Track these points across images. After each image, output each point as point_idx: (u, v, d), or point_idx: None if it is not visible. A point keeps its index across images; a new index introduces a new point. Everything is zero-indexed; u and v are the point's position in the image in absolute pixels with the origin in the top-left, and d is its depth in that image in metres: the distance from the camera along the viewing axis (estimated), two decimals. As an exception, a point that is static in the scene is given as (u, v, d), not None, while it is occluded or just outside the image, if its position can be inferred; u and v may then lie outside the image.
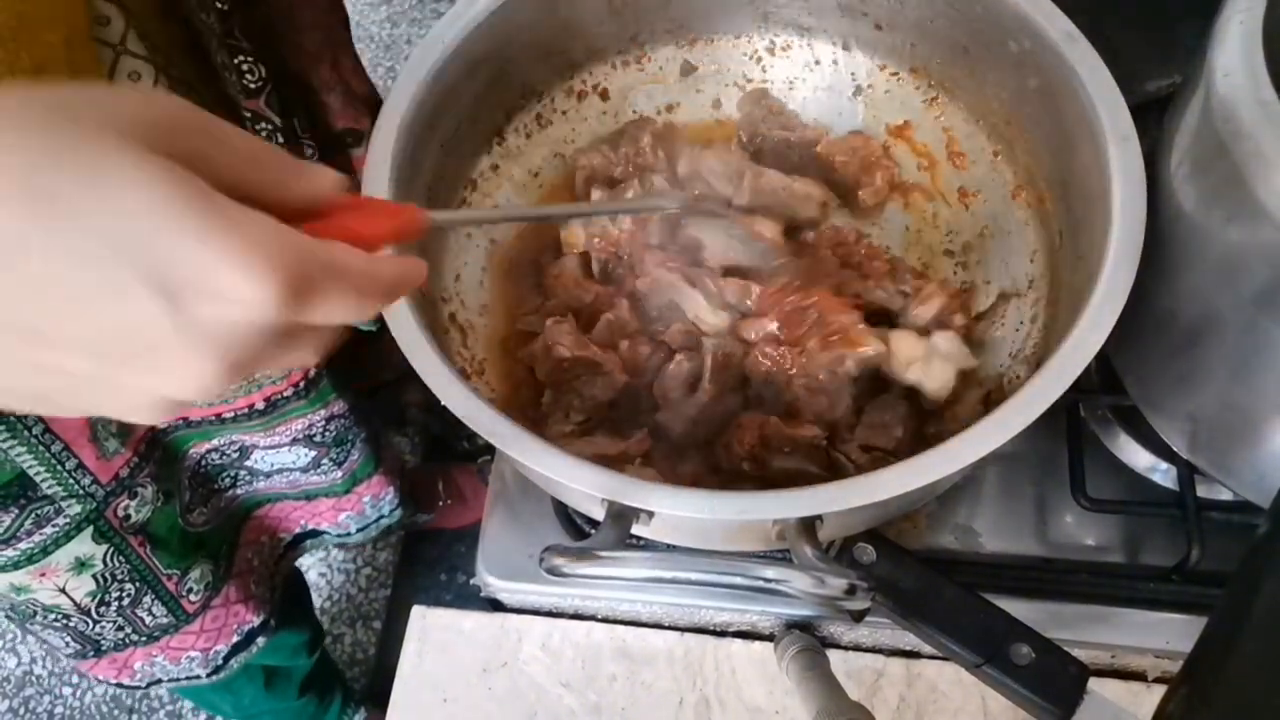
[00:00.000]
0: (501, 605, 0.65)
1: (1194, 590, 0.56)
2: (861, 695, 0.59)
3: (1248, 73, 0.41)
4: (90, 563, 0.67)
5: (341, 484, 0.85)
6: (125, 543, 0.68)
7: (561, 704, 0.61)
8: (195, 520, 0.75)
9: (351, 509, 0.90)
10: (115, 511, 0.66)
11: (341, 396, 0.76)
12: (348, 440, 0.81)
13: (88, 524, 0.64)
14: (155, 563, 0.71)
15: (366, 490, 0.88)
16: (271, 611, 0.87)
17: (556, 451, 0.44)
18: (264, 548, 0.87)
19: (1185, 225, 0.47)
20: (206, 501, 0.77)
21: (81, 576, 0.67)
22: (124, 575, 0.69)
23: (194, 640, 0.80)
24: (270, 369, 0.26)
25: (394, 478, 0.92)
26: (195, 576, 0.76)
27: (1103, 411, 0.64)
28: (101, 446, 0.62)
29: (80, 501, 0.62)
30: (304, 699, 1.14)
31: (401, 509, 0.95)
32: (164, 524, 0.70)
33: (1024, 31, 0.53)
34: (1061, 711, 0.47)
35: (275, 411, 0.72)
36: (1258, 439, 0.51)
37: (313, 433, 0.77)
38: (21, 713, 1.43)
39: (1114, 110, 0.49)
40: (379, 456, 0.87)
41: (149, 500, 0.68)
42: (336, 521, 0.90)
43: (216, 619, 0.80)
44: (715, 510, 0.43)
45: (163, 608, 0.74)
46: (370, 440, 0.84)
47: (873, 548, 0.53)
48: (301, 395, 0.72)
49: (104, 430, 0.62)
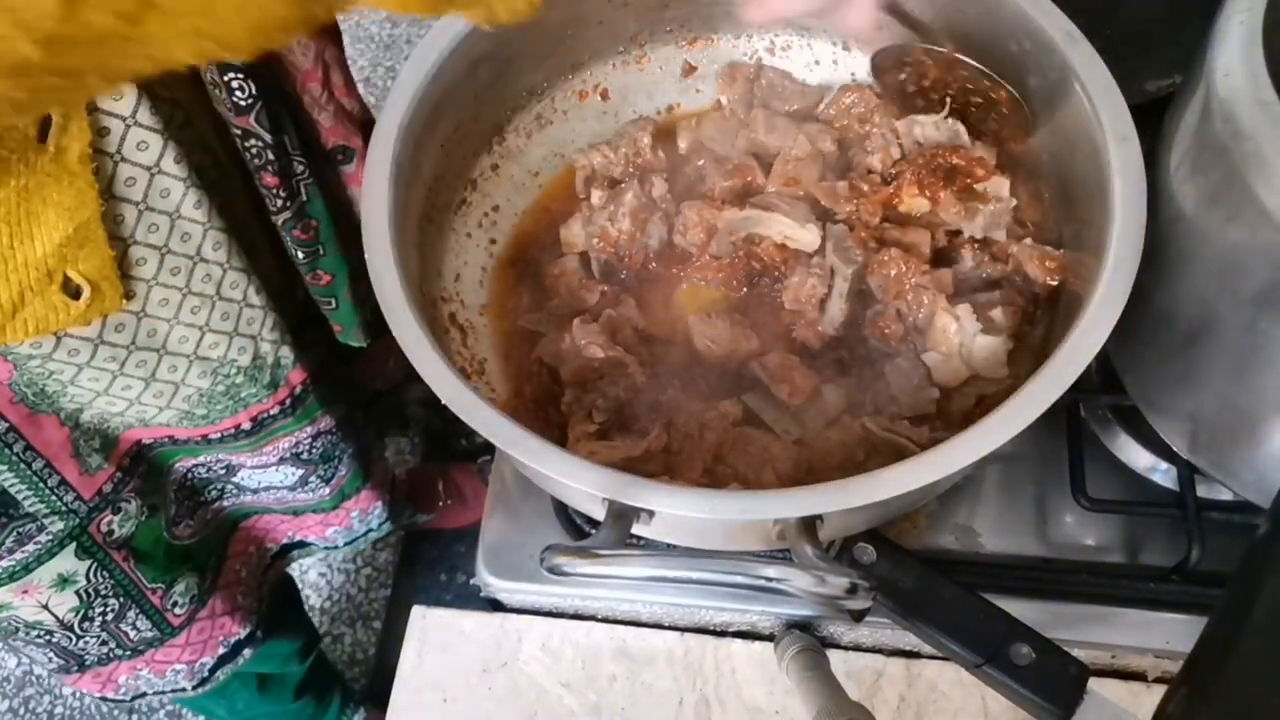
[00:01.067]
0: (501, 605, 0.65)
1: (1194, 590, 0.56)
2: (861, 695, 0.59)
3: (1248, 73, 0.41)
4: (73, 579, 0.66)
5: (329, 500, 0.84)
6: (109, 558, 0.67)
7: (561, 704, 0.61)
8: (181, 533, 0.74)
9: (339, 524, 0.89)
10: (98, 527, 0.65)
11: (329, 412, 0.76)
12: (335, 456, 0.80)
13: (70, 540, 0.63)
14: (139, 577, 0.70)
15: (354, 505, 0.88)
16: (258, 623, 0.86)
17: (556, 451, 0.44)
18: (251, 559, 0.86)
19: (1185, 225, 0.47)
20: (193, 514, 0.76)
21: (64, 593, 0.66)
22: (107, 590, 0.69)
23: (179, 653, 0.79)
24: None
25: (383, 491, 0.91)
26: (180, 590, 0.75)
27: (1103, 411, 0.64)
28: (84, 462, 0.62)
29: (62, 518, 0.62)
30: (300, 702, 1.13)
31: (390, 521, 0.95)
32: (148, 538, 0.70)
33: (1024, 31, 0.54)
34: (1061, 711, 0.47)
35: (262, 431, 0.71)
36: (1258, 439, 0.51)
37: (299, 450, 0.76)
38: (21, 713, 1.43)
39: (1114, 110, 0.49)
40: (367, 471, 0.87)
41: (133, 515, 0.67)
42: (324, 535, 0.89)
43: (202, 631, 0.79)
44: (715, 510, 0.43)
45: (147, 622, 0.74)
46: (358, 455, 0.84)
47: (873, 548, 0.53)
48: (288, 413, 0.71)
49: (86, 446, 0.62)
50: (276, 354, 0.66)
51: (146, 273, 0.55)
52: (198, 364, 0.61)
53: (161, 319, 0.57)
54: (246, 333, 0.63)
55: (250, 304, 0.62)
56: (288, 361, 0.68)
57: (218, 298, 0.60)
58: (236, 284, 0.61)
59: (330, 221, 0.68)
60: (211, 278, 0.59)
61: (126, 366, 0.57)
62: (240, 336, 0.63)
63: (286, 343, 0.67)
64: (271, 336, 0.65)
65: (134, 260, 0.54)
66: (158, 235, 0.55)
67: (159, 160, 0.54)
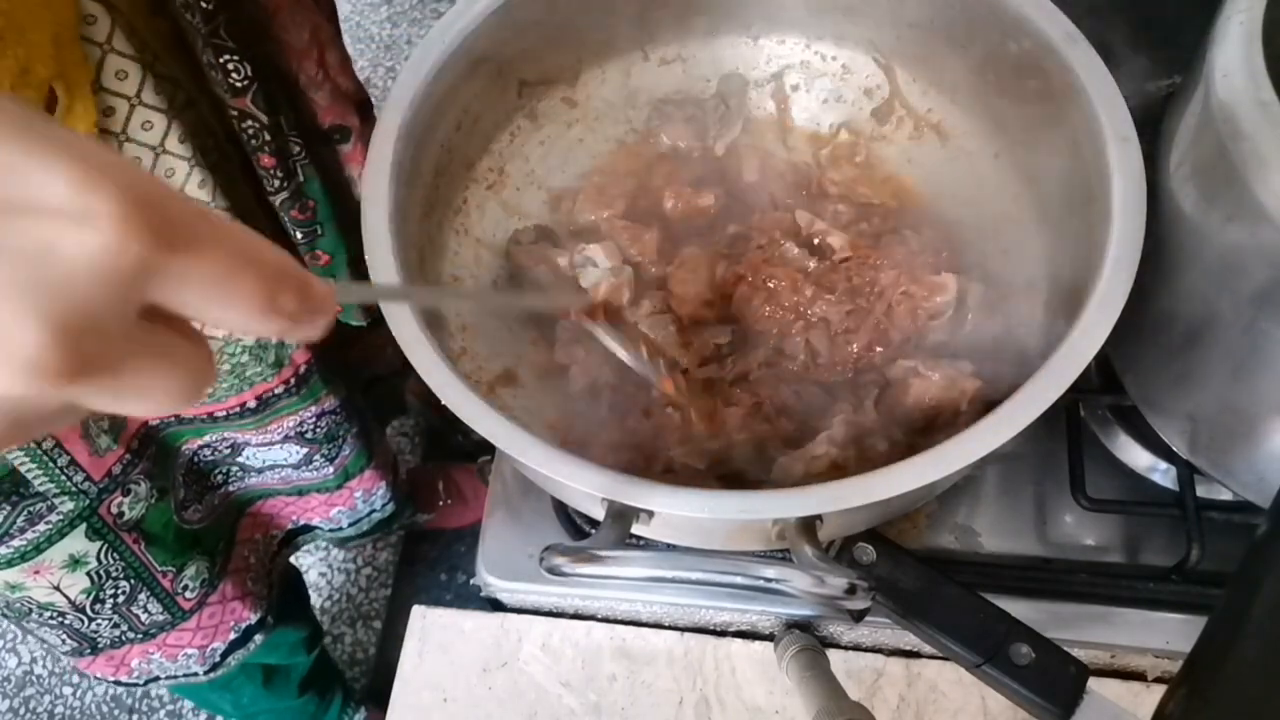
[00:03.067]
0: (501, 605, 0.65)
1: (1194, 590, 0.56)
2: (861, 695, 0.59)
3: (1248, 73, 0.41)
4: (84, 560, 0.66)
5: (334, 479, 0.85)
6: (119, 540, 0.68)
7: (561, 704, 0.61)
8: (191, 517, 0.75)
9: (343, 504, 0.89)
10: (109, 509, 0.65)
11: (333, 392, 0.76)
12: (339, 436, 0.81)
13: (81, 521, 0.64)
14: (150, 560, 0.71)
15: (359, 485, 0.88)
16: (269, 608, 0.87)
17: (556, 451, 0.44)
18: (259, 545, 0.87)
19: (1185, 225, 0.47)
20: (201, 498, 0.77)
21: (75, 574, 0.67)
22: (118, 572, 0.69)
23: (191, 637, 0.80)
24: (117, 388, 0.20)
25: (386, 472, 0.92)
26: (191, 574, 0.75)
27: (1103, 411, 0.64)
28: (93, 443, 0.62)
29: (73, 498, 0.62)
30: (304, 697, 1.14)
31: (394, 504, 0.95)
32: (158, 521, 0.70)
33: (1024, 31, 0.53)
34: (1061, 711, 0.47)
35: (267, 409, 0.71)
36: (1258, 439, 0.51)
37: (304, 429, 0.77)
38: (22, 712, 1.43)
39: (1114, 110, 0.49)
40: (371, 451, 0.88)
41: (143, 497, 0.68)
42: (328, 516, 0.90)
43: (213, 616, 0.80)
44: (715, 510, 0.43)
45: (158, 605, 0.74)
46: (361, 435, 0.84)
47: (873, 548, 0.53)
48: (293, 392, 0.72)
49: (95, 427, 0.62)
50: None
51: None
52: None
53: None
54: None
55: None
56: (292, 341, 0.68)
57: None
58: None
59: (328, 201, 0.68)
60: None
61: None
62: None
63: None
64: None
65: None
66: None
67: (164, 140, 0.54)
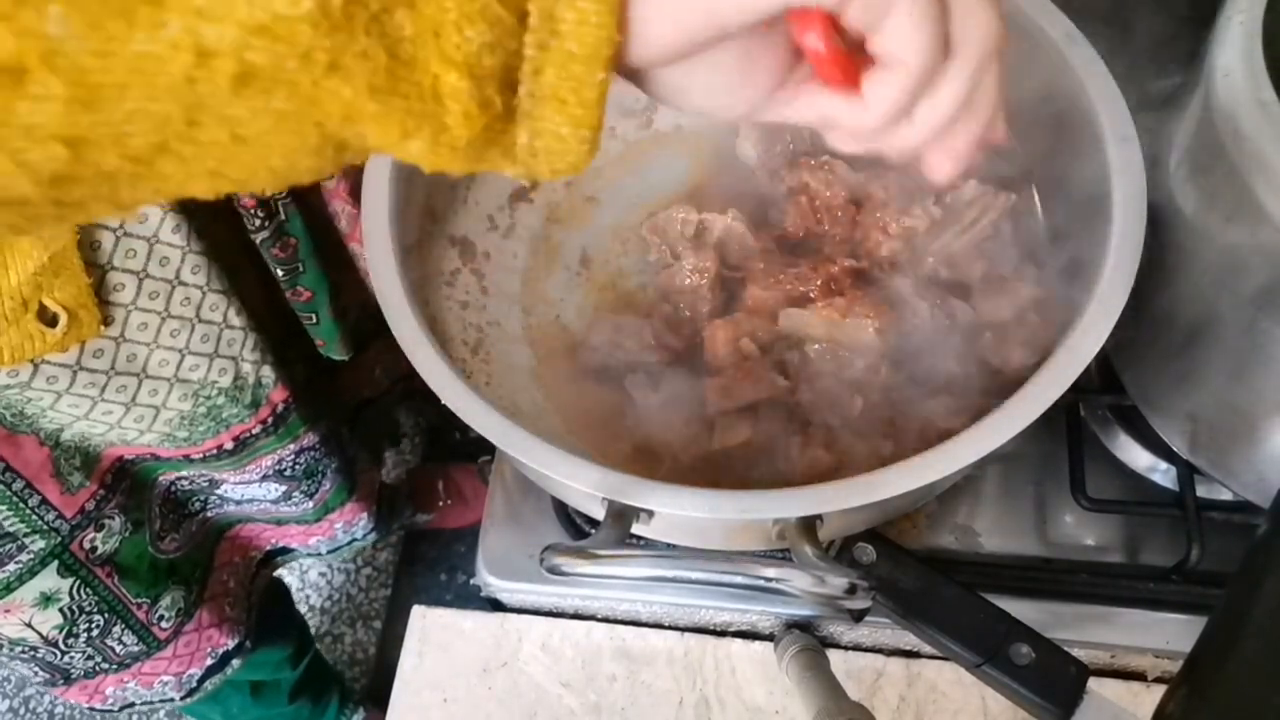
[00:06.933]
0: (501, 605, 0.65)
1: (1194, 590, 0.56)
2: (861, 695, 0.59)
3: (1248, 73, 0.41)
4: (56, 597, 0.65)
5: (313, 513, 0.84)
6: (92, 574, 0.67)
7: (561, 704, 0.61)
8: (167, 547, 0.74)
9: (322, 534, 0.88)
10: (80, 545, 0.64)
11: (312, 429, 0.75)
12: (318, 471, 0.80)
13: (52, 559, 0.63)
14: (124, 592, 0.70)
15: (339, 518, 0.87)
16: (247, 633, 0.85)
17: (556, 451, 0.44)
18: (238, 568, 0.85)
19: (1185, 225, 0.47)
20: (178, 527, 0.75)
21: (48, 611, 0.66)
22: (92, 607, 0.68)
23: (167, 665, 0.78)
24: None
25: (369, 503, 0.91)
26: (166, 604, 0.74)
27: (1103, 411, 0.64)
28: (65, 481, 0.61)
29: (44, 537, 0.61)
30: (296, 704, 1.13)
31: (376, 531, 0.94)
32: (132, 553, 0.69)
33: (1024, 31, 0.53)
34: (1061, 711, 0.47)
35: (244, 450, 0.70)
36: (1258, 439, 0.51)
37: (282, 467, 0.75)
38: (21, 712, 1.43)
39: (1114, 110, 0.49)
40: (352, 484, 0.86)
41: (117, 531, 0.67)
42: (307, 544, 0.89)
43: (189, 644, 0.79)
44: (715, 509, 0.43)
45: (133, 636, 0.73)
46: (343, 469, 0.83)
47: (873, 547, 0.53)
48: (270, 431, 0.71)
49: (67, 465, 0.61)
50: (258, 374, 0.66)
51: (125, 298, 0.55)
52: (179, 387, 0.61)
53: (141, 343, 0.57)
54: (227, 354, 0.63)
55: (230, 325, 0.62)
56: (269, 381, 0.67)
57: (197, 320, 0.59)
58: (216, 306, 0.60)
59: (309, 239, 0.67)
60: (191, 300, 0.58)
61: (106, 391, 0.57)
62: (221, 358, 0.62)
63: (268, 362, 0.66)
64: (252, 357, 0.65)
65: (112, 285, 0.54)
66: (136, 260, 0.54)
67: None
